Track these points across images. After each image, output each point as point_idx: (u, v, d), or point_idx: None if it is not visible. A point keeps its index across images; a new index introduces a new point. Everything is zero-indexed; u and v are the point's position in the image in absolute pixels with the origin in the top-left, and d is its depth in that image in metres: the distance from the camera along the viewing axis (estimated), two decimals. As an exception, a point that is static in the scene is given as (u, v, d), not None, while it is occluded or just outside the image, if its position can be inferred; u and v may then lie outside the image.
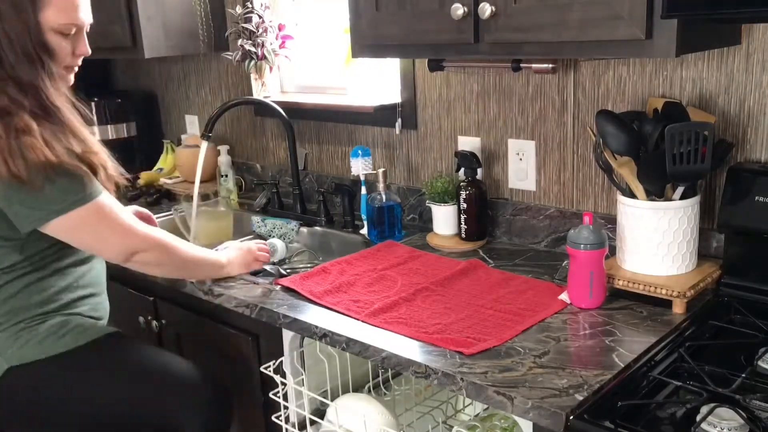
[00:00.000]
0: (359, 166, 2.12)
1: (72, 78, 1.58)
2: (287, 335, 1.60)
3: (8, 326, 1.52)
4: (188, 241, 1.92)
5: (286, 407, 1.60)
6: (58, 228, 1.46)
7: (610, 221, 1.72)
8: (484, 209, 1.92)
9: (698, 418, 1.07)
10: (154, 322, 1.97)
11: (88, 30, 1.57)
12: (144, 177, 2.75)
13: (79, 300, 1.60)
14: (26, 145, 1.37)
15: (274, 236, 2.16)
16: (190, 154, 2.61)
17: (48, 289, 1.55)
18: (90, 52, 1.58)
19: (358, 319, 1.50)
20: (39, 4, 1.45)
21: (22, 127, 1.38)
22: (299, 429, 1.61)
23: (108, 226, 1.50)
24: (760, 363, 1.24)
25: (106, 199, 1.50)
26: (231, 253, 1.78)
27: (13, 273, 1.52)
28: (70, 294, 1.58)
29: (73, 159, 1.43)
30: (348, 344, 1.43)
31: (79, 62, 1.58)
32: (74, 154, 1.43)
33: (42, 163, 1.38)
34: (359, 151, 2.11)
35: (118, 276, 1.88)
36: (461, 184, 1.90)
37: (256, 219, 2.23)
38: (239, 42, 2.37)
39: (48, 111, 1.44)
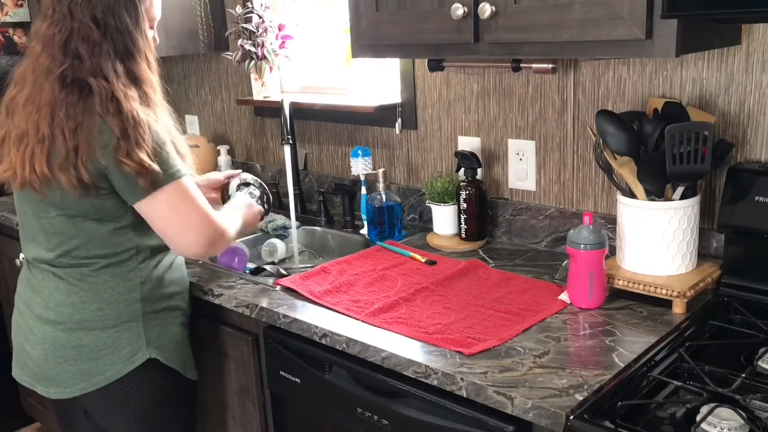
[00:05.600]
0: (359, 166, 2.12)
1: None
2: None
3: (150, 311, 1.55)
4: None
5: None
6: (145, 207, 1.45)
7: (610, 221, 1.72)
8: (484, 209, 1.92)
9: (698, 418, 1.07)
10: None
11: None
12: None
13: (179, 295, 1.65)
14: (141, 135, 1.40)
15: (273, 235, 2.16)
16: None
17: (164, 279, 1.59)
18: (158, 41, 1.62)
19: (358, 319, 1.50)
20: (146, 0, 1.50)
21: (135, 117, 1.40)
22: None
23: (189, 209, 1.47)
24: (760, 363, 1.24)
25: (189, 181, 1.49)
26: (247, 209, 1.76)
27: (133, 259, 1.53)
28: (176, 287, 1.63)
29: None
30: (348, 344, 1.43)
31: None
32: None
33: (152, 147, 1.41)
34: (359, 151, 2.11)
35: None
36: (461, 184, 1.90)
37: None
38: (239, 42, 2.37)
39: (149, 102, 1.47)
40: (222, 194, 1.88)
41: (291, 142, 2.15)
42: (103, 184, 1.43)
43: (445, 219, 1.95)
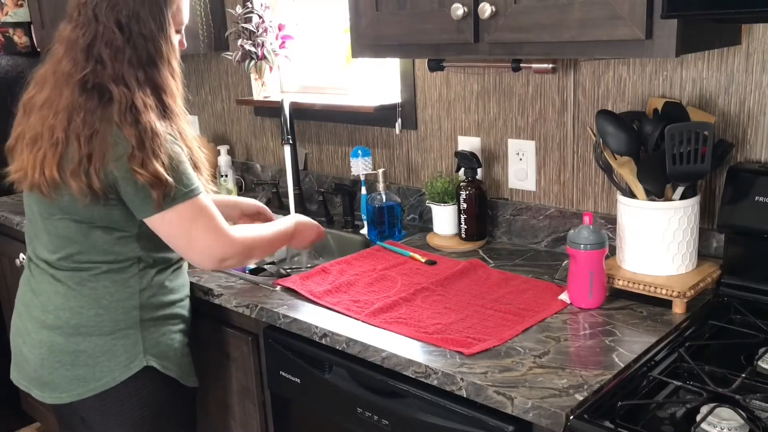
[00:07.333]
0: (359, 166, 2.12)
1: None
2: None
3: (148, 319, 1.54)
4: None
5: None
6: (156, 222, 1.45)
7: (610, 221, 1.72)
8: (484, 209, 1.92)
9: (698, 418, 1.07)
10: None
11: None
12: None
13: (180, 303, 1.63)
14: (158, 146, 1.39)
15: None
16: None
17: (166, 286, 1.58)
18: (186, 45, 1.60)
19: (358, 319, 1.50)
20: (170, 4, 1.47)
21: (153, 129, 1.39)
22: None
23: (202, 227, 1.47)
24: (760, 363, 1.24)
25: (206, 198, 1.49)
26: (300, 227, 1.77)
27: (135, 266, 1.53)
28: (178, 295, 1.62)
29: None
30: (348, 344, 1.43)
31: None
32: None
33: (168, 161, 1.40)
34: (359, 151, 2.11)
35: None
36: (461, 184, 1.90)
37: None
38: (239, 42, 2.37)
39: (169, 113, 1.46)
40: None
41: (291, 142, 2.15)
42: (112, 194, 1.42)
43: (445, 219, 1.95)
